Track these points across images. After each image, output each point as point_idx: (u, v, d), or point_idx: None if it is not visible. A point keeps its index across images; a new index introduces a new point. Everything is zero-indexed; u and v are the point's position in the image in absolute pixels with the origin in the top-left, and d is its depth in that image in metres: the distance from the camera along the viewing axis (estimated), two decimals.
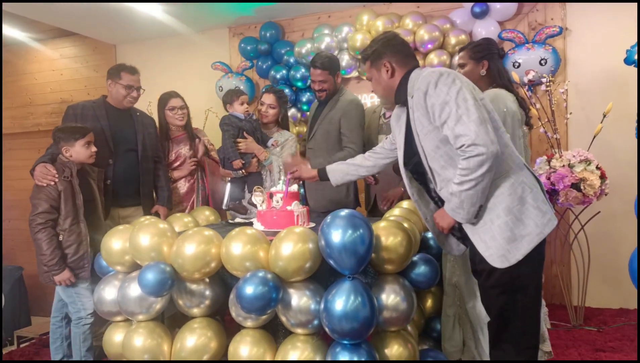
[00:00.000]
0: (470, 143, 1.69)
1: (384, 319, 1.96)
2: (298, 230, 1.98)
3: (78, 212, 2.53)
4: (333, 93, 3.14)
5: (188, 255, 2.01)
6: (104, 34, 4.79)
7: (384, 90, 2.02)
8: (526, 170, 1.82)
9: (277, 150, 3.16)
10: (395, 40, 2.00)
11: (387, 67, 1.96)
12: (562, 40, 3.66)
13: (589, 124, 3.53)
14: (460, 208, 1.77)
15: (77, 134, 2.58)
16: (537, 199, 1.76)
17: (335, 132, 3.10)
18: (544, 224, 1.74)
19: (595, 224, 3.31)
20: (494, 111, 1.86)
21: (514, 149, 1.85)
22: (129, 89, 2.92)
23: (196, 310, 2.14)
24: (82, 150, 2.59)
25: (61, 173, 2.51)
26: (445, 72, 1.80)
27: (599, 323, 3.28)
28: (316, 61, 3.07)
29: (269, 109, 3.25)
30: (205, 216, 2.86)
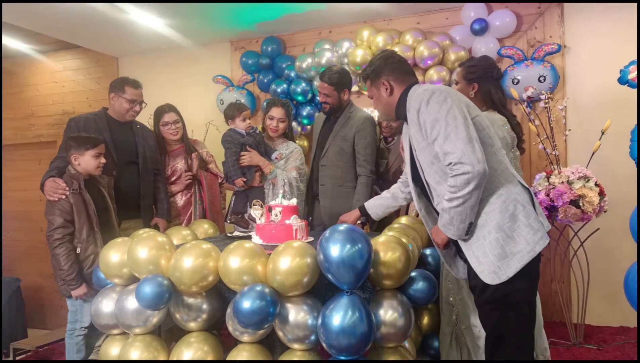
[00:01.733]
0: (457, 161, 1.72)
1: (382, 335, 1.94)
2: (296, 244, 1.98)
3: (92, 223, 2.57)
4: (338, 108, 3.15)
5: (186, 268, 2.00)
6: (106, 47, 4.84)
7: (385, 107, 2.07)
8: (520, 187, 1.82)
9: (282, 163, 3.14)
10: (392, 59, 2.04)
11: (386, 85, 2.01)
12: (561, 57, 3.69)
13: (587, 141, 3.54)
14: (451, 224, 1.80)
15: (89, 144, 2.63)
16: (529, 217, 1.76)
17: (349, 149, 3.11)
18: (535, 242, 1.74)
19: (594, 241, 3.30)
20: (489, 127, 1.88)
21: (509, 165, 1.86)
22: (132, 103, 2.94)
23: (193, 324, 2.13)
24: (91, 160, 2.62)
25: (70, 186, 2.53)
26: (438, 90, 1.83)
27: (598, 342, 3.25)
28: (324, 74, 3.10)
29: (280, 124, 3.17)
30: (204, 229, 2.86)
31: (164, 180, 3.17)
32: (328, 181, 3.13)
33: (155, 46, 4.73)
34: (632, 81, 1.76)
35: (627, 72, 1.77)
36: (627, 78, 1.79)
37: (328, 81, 3.06)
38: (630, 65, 1.77)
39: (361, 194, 3.05)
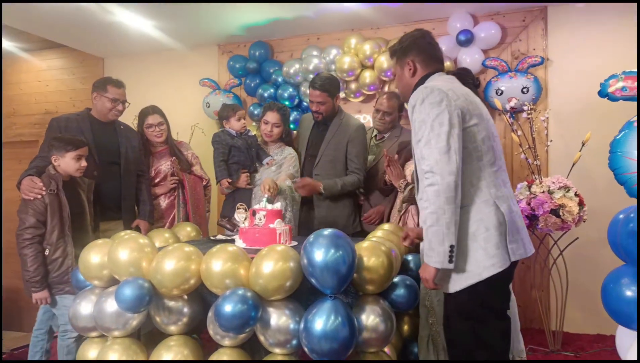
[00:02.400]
0: (428, 170, 1.71)
1: (364, 340, 1.95)
2: (280, 248, 1.98)
3: (64, 226, 2.51)
4: (331, 115, 3.13)
5: (167, 271, 1.98)
6: (92, 47, 4.79)
7: (403, 88, 2.02)
8: (493, 209, 1.74)
9: (273, 169, 3.08)
10: (423, 40, 1.97)
11: (410, 65, 1.95)
12: (544, 69, 3.77)
13: (568, 152, 3.61)
14: (431, 249, 1.72)
15: (70, 145, 2.57)
16: (488, 241, 1.71)
17: (342, 158, 3.09)
18: (484, 267, 1.70)
19: (573, 250, 3.36)
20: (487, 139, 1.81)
21: (492, 184, 1.78)
22: (115, 102, 2.92)
23: (173, 328, 2.11)
24: (72, 162, 2.57)
25: (47, 186, 2.49)
26: (437, 90, 1.77)
27: (576, 349, 3.30)
28: (316, 81, 3.04)
29: (274, 128, 3.10)
30: (187, 232, 2.84)
31: (147, 182, 3.14)
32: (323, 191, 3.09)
33: (142, 48, 4.70)
34: (612, 94, 1.80)
35: (607, 85, 1.81)
36: (607, 91, 1.83)
37: (321, 88, 3.01)
38: (611, 78, 1.82)
39: (344, 181, 3.03)
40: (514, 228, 1.76)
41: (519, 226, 1.80)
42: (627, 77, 1.73)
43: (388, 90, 3.96)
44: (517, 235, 1.77)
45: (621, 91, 1.77)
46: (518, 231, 1.78)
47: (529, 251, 1.81)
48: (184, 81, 4.74)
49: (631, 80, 1.70)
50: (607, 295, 1.76)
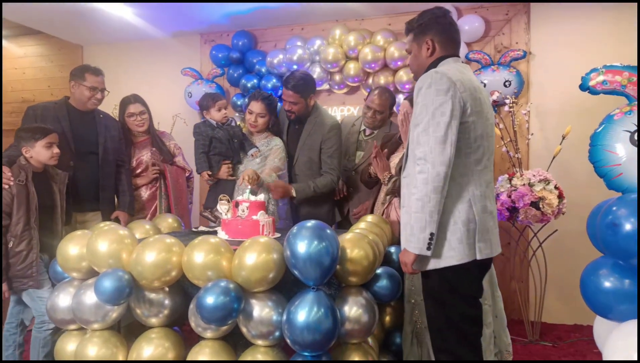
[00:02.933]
0: (421, 156, 1.72)
1: (346, 331, 1.95)
2: (263, 240, 1.96)
3: (30, 218, 2.43)
4: (305, 115, 3.09)
5: (148, 263, 1.96)
6: (71, 34, 4.69)
7: (418, 67, 1.97)
8: (465, 207, 1.77)
9: (257, 160, 3.02)
10: (444, 19, 1.92)
11: (429, 45, 1.90)
12: (526, 63, 3.80)
13: (548, 145, 3.66)
14: (412, 235, 1.74)
15: (38, 134, 2.49)
16: (453, 234, 1.75)
17: (316, 158, 3.07)
18: (444, 257, 1.75)
19: (552, 242, 3.42)
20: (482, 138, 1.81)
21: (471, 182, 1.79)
22: (93, 90, 2.85)
23: (154, 320, 2.09)
24: (43, 151, 2.50)
25: (17, 176, 2.41)
26: (446, 78, 1.74)
27: (554, 339, 3.37)
28: (289, 81, 2.98)
29: (259, 118, 3.01)
30: (168, 224, 2.80)
31: (127, 172, 3.08)
32: (300, 189, 3.05)
33: (123, 36, 4.61)
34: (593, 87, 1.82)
35: (589, 79, 1.82)
36: (587, 85, 1.84)
37: (294, 89, 2.96)
38: (592, 72, 1.83)
39: (316, 183, 3.00)
40: (484, 228, 1.79)
41: (490, 226, 1.82)
42: (608, 71, 1.75)
43: (373, 84, 3.95)
44: (486, 234, 1.79)
45: (602, 85, 1.78)
46: (488, 231, 1.80)
47: (496, 251, 1.85)
48: (166, 70, 4.67)
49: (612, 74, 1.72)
50: (585, 286, 1.79)
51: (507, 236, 3.71)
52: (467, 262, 1.75)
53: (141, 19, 4.15)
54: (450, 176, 1.74)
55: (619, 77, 1.73)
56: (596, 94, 1.87)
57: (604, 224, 1.68)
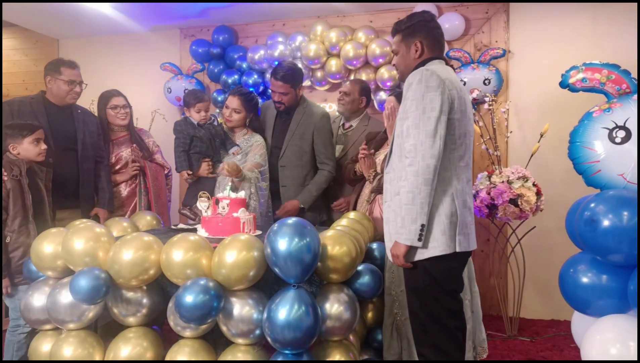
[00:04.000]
0: (411, 150, 1.77)
1: (327, 328, 1.95)
2: (243, 237, 1.94)
3: (27, 213, 2.39)
4: (293, 105, 3.08)
5: (125, 261, 1.92)
6: (47, 27, 4.57)
7: (405, 67, 2.02)
8: (448, 200, 1.82)
9: (238, 158, 2.98)
10: (433, 23, 2.00)
11: (418, 46, 1.96)
12: (505, 62, 3.84)
13: (527, 143, 3.71)
14: (402, 227, 1.79)
15: (25, 130, 2.46)
16: (436, 227, 1.80)
17: (308, 148, 3.05)
18: (427, 247, 1.81)
19: (531, 238, 3.47)
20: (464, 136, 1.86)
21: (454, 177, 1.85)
22: (71, 84, 2.78)
23: (132, 319, 2.05)
24: (31, 147, 2.46)
25: (9, 171, 2.36)
26: (436, 75, 1.80)
27: (532, 334, 3.42)
28: (278, 72, 2.97)
29: (234, 114, 2.99)
30: (147, 221, 2.76)
31: (106, 168, 3.01)
32: (289, 182, 3.06)
33: (100, 30, 4.51)
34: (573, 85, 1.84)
35: (568, 77, 1.85)
36: (567, 82, 1.87)
37: (283, 80, 2.95)
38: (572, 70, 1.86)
39: (316, 185, 3.04)
40: (464, 222, 1.85)
41: (468, 221, 1.88)
42: (587, 69, 1.77)
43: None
44: (465, 229, 1.86)
45: (581, 82, 1.81)
46: (466, 225, 1.87)
47: (472, 246, 1.91)
48: (144, 65, 4.59)
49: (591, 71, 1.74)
50: (564, 282, 1.82)
51: (486, 232, 3.75)
52: (448, 255, 1.80)
53: (119, 12, 4.06)
54: (438, 169, 1.79)
55: (598, 74, 1.76)
56: (576, 92, 1.90)
57: (582, 221, 1.70)
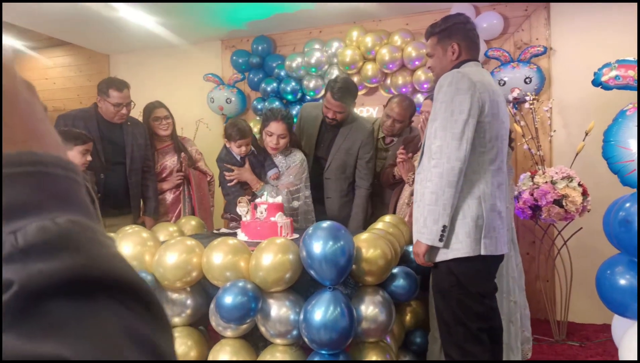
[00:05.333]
0: (437, 151, 1.78)
1: (363, 330, 1.97)
2: (279, 241, 2.00)
3: None
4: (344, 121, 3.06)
5: (169, 264, 2.02)
6: (98, 44, 4.84)
7: (441, 69, 2.02)
8: (475, 203, 1.82)
9: (274, 183, 2.93)
10: (469, 25, 2.01)
11: (455, 49, 1.98)
12: (547, 59, 3.74)
13: (571, 142, 3.60)
14: (424, 226, 1.82)
15: (78, 140, 2.62)
16: (460, 228, 1.81)
17: (352, 162, 3.07)
18: (451, 249, 1.82)
19: (578, 240, 3.35)
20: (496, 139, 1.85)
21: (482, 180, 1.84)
22: (118, 106, 2.93)
23: (177, 319, 2.15)
24: (78, 156, 2.61)
25: None
26: (467, 78, 1.81)
27: (581, 338, 3.30)
28: (335, 92, 2.87)
29: (280, 140, 2.85)
30: (192, 226, 2.87)
31: (153, 178, 3.17)
32: (334, 194, 3.09)
33: (146, 44, 4.74)
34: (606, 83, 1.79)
35: (601, 75, 1.80)
36: (600, 80, 1.82)
37: (341, 100, 2.89)
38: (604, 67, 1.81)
39: (360, 207, 3.07)
40: (491, 225, 1.84)
41: (497, 225, 1.86)
42: (620, 66, 1.72)
43: (391, 84, 3.96)
44: (492, 232, 1.84)
45: (614, 80, 1.76)
46: (495, 229, 1.85)
47: (501, 250, 1.89)
48: (188, 76, 4.78)
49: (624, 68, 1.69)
50: (601, 284, 1.77)
51: (531, 234, 3.66)
52: (473, 257, 1.80)
53: (163, 28, 4.26)
54: (464, 171, 1.79)
55: (632, 71, 1.70)
56: (609, 90, 1.85)
57: (617, 221, 1.66)
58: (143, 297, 0.29)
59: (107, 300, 0.27)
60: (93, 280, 0.27)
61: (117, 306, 0.27)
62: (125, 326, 0.27)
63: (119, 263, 0.29)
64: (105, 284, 0.27)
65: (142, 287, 0.29)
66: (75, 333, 0.25)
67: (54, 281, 0.26)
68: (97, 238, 0.29)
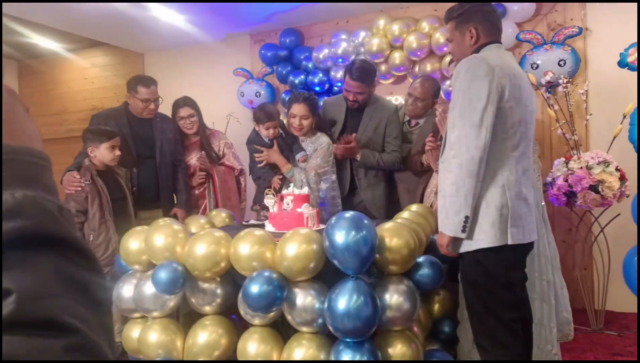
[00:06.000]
0: (455, 141, 1.76)
1: (387, 318, 1.99)
2: (303, 231, 2.04)
3: (104, 211, 2.68)
4: (366, 103, 3.12)
5: (199, 255, 2.09)
6: (132, 44, 5.00)
7: (460, 55, 1.99)
8: (499, 191, 1.78)
9: (302, 165, 3.00)
10: (487, 7, 1.96)
11: (473, 33, 1.93)
12: (582, 40, 3.61)
13: (609, 125, 3.45)
14: (447, 218, 1.81)
15: (104, 136, 2.75)
16: (484, 218, 1.78)
17: (379, 140, 3.12)
18: (475, 239, 1.80)
19: (615, 227, 3.24)
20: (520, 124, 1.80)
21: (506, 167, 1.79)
22: (146, 102, 3.04)
23: (208, 308, 2.23)
24: (106, 153, 2.74)
25: (85, 177, 2.67)
26: (485, 63, 1.77)
27: (620, 328, 3.21)
28: (354, 72, 2.96)
29: (303, 121, 2.94)
30: (222, 218, 2.95)
31: (184, 171, 3.27)
32: (362, 173, 3.15)
33: (178, 42, 4.85)
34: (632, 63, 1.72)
35: (627, 55, 1.73)
36: (626, 61, 1.75)
37: (360, 80, 2.98)
38: (630, 47, 1.73)
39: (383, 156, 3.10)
40: (517, 214, 1.79)
41: (523, 212, 1.81)
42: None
43: (419, 72, 3.91)
44: (519, 221, 1.80)
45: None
46: (521, 217, 1.80)
47: (530, 238, 1.85)
48: (219, 71, 4.87)
49: None
50: (627, 271, 1.72)
51: (566, 222, 3.56)
52: (500, 247, 1.76)
53: (193, 25, 4.35)
54: (485, 160, 1.74)
55: None
56: (635, 71, 1.77)
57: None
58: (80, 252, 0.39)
59: (49, 252, 0.37)
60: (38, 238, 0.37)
61: (58, 257, 0.37)
62: (61, 271, 0.36)
63: (62, 227, 0.39)
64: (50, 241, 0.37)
65: (80, 245, 0.39)
66: (20, 273, 0.35)
67: (8, 237, 0.36)
68: (47, 208, 0.39)
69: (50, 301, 0.35)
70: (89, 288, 0.38)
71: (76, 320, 0.35)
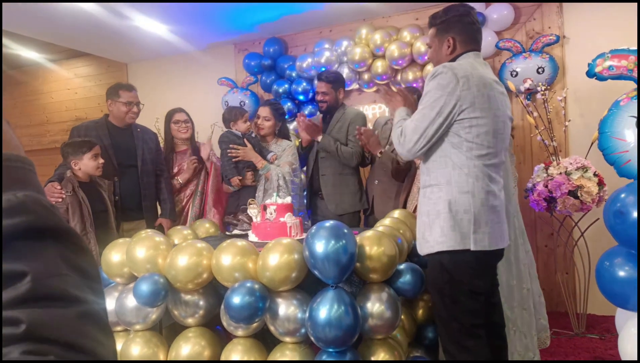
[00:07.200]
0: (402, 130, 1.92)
1: (370, 327, 2.00)
2: (285, 241, 2.05)
3: (85, 223, 2.66)
4: (334, 106, 3.34)
5: (181, 267, 2.09)
6: (115, 54, 4.98)
7: (438, 62, 2.02)
8: (465, 197, 1.80)
9: (276, 163, 3.23)
10: (468, 18, 1.96)
11: (450, 43, 1.96)
12: (560, 48, 3.68)
13: (588, 131, 3.52)
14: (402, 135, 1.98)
15: (84, 147, 2.74)
16: (446, 221, 1.82)
17: (343, 140, 3.31)
18: (436, 242, 1.85)
19: (595, 231, 3.29)
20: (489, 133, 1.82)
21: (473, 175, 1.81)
22: (129, 105, 3.06)
23: (191, 320, 2.22)
24: (90, 163, 2.74)
25: (65, 188, 2.65)
26: (451, 73, 1.80)
27: (602, 331, 3.25)
28: (322, 75, 3.38)
29: (264, 122, 3.30)
30: (205, 229, 2.95)
31: (167, 180, 3.27)
32: (328, 171, 3.33)
33: (161, 52, 4.85)
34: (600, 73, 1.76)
35: (594, 65, 1.77)
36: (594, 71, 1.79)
37: (326, 80, 3.31)
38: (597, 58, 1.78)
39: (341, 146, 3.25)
40: (481, 220, 1.81)
41: (489, 219, 1.82)
42: (613, 56, 1.69)
43: (401, 80, 3.96)
44: (484, 227, 1.81)
45: (608, 70, 1.73)
46: (487, 224, 1.82)
47: (496, 245, 1.85)
48: (203, 81, 4.87)
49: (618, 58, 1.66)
50: (600, 276, 1.75)
51: (547, 227, 3.61)
52: (463, 252, 1.80)
53: (176, 35, 4.35)
54: (452, 166, 1.84)
55: (625, 61, 1.67)
56: (604, 80, 1.82)
57: (611, 213, 1.64)
58: (75, 240, 0.47)
59: (52, 241, 0.45)
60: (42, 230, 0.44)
61: (59, 245, 0.45)
62: (63, 256, 0.45)
63: (59, 220, 0.47)
64: (51, 232, 0.45)
65: (74, 234, 0.47)
66: (32, 258, 0.43)
67: (17, 230, 0.43)
68: (44, 205, 0.46)
69: (59, 279, 0.43)
70: (85, 267, 0.46)
71: (82, 292, 0.44)
